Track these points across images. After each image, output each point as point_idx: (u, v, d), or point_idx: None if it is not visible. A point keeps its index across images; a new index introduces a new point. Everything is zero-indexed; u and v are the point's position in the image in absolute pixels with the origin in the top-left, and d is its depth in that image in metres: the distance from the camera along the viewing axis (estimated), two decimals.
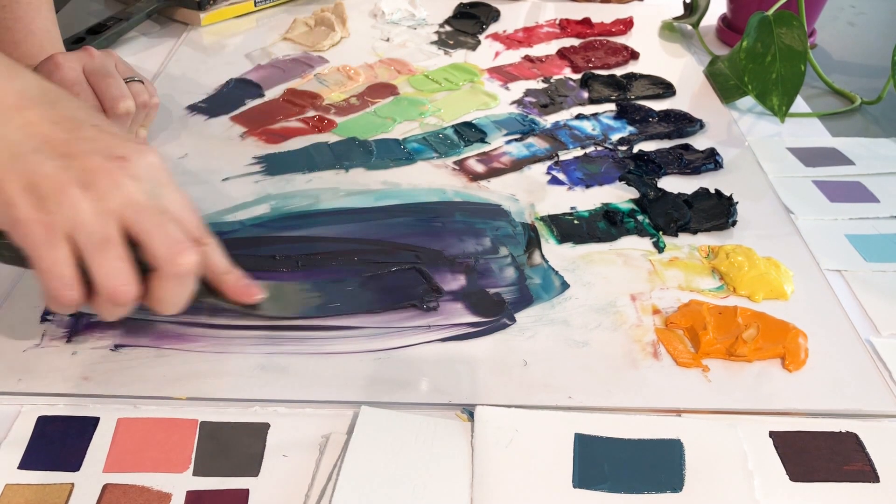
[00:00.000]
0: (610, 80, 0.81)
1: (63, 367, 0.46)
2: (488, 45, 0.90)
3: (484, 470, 0.41)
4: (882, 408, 0.45)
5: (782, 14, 0.74)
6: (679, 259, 0.56)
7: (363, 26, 0.93)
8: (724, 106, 0.78)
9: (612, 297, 0.53)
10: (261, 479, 0.41)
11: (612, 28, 0.94)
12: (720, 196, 0.62)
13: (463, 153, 0.68)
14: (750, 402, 0.45)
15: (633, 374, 0.47)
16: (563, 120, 0.74)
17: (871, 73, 0.87)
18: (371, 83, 0.80)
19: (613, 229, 0.59)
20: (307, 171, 0.65)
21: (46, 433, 0.43)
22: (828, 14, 0.98)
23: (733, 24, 0.93)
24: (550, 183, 0.65)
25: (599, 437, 0.43)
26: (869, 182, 0.66)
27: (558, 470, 0.41)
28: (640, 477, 0.41)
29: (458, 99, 0.77)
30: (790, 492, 0.41)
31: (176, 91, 0.77)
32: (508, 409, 0.44)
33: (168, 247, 0.38)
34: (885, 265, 0.57)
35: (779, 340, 0.49)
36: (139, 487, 0.40)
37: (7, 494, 0.39)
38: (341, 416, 0.44)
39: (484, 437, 0.42)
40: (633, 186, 0.64)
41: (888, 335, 0.51)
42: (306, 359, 0.48)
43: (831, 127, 0.75)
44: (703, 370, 0.47)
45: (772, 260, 0.56)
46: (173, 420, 0.44)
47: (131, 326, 0.49)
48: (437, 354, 0.48)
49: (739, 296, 0.53)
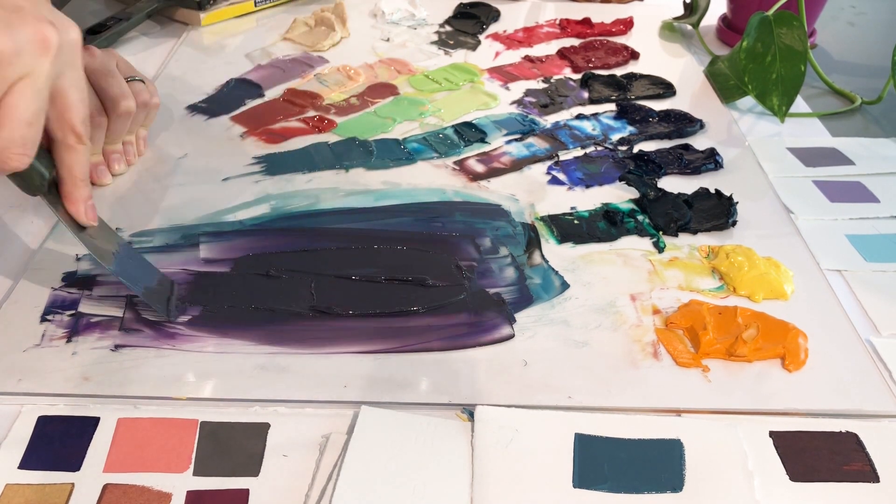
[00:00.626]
0: (610, 81, 0.81)
1: (63, 367, 0.46)
2: (488, 45, 0.90)
3: (484, 470, 0.41)
4: (882, 408, 0.45)
5: (782, 14, 0.74)
6: (679, 259, 0.56)
7: (363, 26, 0.93)
8: (724, 106, 0.78)
9: (611, 297, 0.53)
10: (261, 479, 0.41)
11: (612, 28, 0.94)
12: (720, 196, 0.62)
13: (463, 153, 0.68)
14: (750, 402, 0.45)
15: (633, 374, 0.47)
16: (563, 120, 0.74)
17: (871, 73, 0.87)
18: (371, 83, 0.80)
19: (613, 229, 0.59)
20: (307, 171, 0.65)
21: (47, 433, 0.43)
22: (828, 14, 0.98)
23: (733, 24, 0.93)
24: (550, 183, 0.65)
25: (599, 437, 0.43)
26: (869, 182, 0.66)
27: (558, 470, 0.41)
28: (641, 477, 0.41)
29: (458, 99, 0.77)
30: (790, 492, 0.41)
31: (176, 91, 0.77)
32: (508, 409, 0.44)
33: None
34: (885, 265, 0.57)
35: (779, 340, 0.49)
36: (139, 487, 0.40)
37: (7, 494, 0.39)
38: (341, 415, 0.44)
39: (484, 437, 0.42)
40: (633, 186, 0.64)
41: (888, 335, 0.51)
42: (306, 359, 0.48)
43: (831, 127, 0.75)
44: (703, 370, 0.47)
45: (772, 260, 0.56)
46: (173, 420, 0.44)
47: (131, 326, 0.49)
48: (438, 354, 0.48)
49: (739, 296, 0.53)
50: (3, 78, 0.39)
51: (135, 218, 0.59)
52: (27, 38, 0.39)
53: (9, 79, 0.39)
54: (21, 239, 0.57)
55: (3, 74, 0.39)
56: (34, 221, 0.59)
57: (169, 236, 0.57)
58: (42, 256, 0.55)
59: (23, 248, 0.56)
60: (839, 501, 0.40)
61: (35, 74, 0.40)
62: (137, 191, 0.62)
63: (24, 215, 0.59)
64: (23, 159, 0.42)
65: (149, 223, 0.58)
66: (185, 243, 0.56)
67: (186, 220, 0.59)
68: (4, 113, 0.40)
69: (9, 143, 0.41)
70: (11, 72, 0.39)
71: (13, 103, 0.40)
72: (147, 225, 0.58)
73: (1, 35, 0.38)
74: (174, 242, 0.56)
